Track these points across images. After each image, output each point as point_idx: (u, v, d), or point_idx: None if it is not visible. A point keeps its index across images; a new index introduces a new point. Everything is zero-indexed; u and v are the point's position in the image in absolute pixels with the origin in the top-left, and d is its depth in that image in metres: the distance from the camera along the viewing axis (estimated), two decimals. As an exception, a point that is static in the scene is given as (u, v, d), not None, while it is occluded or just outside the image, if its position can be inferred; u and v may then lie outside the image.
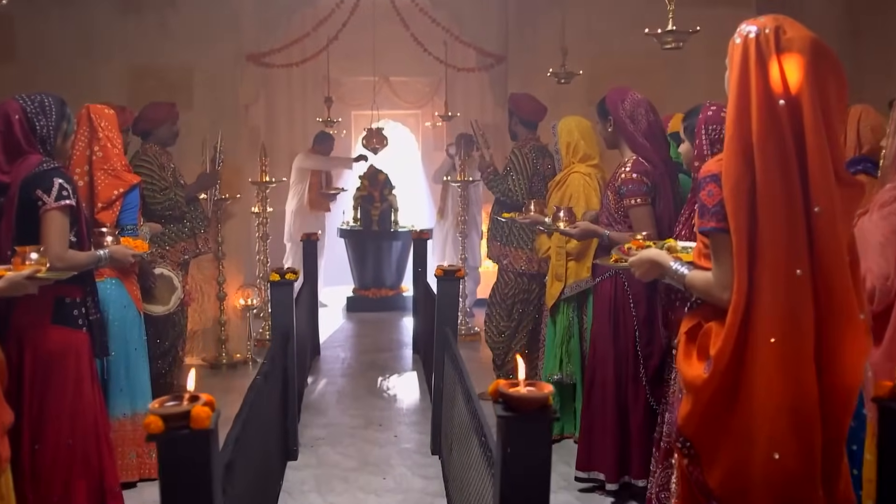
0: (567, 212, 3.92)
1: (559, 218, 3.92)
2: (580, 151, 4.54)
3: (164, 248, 5.27)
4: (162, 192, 5.19)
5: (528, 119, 5.48)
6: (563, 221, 3.90)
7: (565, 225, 3.89)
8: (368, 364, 6.50)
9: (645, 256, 2.50)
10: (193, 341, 6.53)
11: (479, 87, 11.39)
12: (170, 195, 5.23)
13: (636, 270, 2.53)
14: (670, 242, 2.73)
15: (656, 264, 2.45)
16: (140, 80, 6.34)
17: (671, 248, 2.65)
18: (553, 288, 4.52)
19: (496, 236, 5.52)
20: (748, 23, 2.17)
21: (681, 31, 3.81)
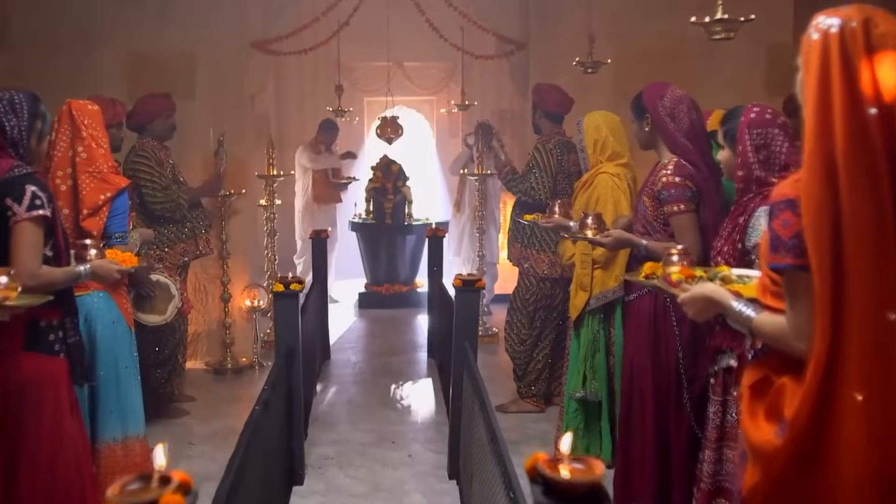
0: (595, 218, 3.55)
1: (587, 225, 3.54)
2: (608, 149, 4.16)
3: (163, 249, 4.95)
4: (163, 191, 4.87)
5: (553, 112, 5.12)
6: (591, 229, 3.53)
7: (594, 233, 3.51)
8: (381, 369, 6.17)
9: (700, 293, 2.13)
10: (196, 344, 6.23)
11: (497, 73, 11.01)
12: (171, 195, 4.91)
13: (689, 309, 2.17)
14: (724, 271, 2.36)
15: (713, 303, 2.09)
16: (139, 69, 6.00)
17: (726, 278, 2.29)
18: (577, 299, 4.16)
19: (517, 238, 5.16)
20: (828, 14, 1.80)
21: (732, 20, 3.41)
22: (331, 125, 8.47)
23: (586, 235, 3.54)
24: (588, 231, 3.53)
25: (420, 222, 8.57)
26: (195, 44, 6.04)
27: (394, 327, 7.59)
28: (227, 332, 6.09)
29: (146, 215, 4.91)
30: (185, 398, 5.41)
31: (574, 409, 4.23)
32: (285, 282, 3.93)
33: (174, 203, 4.96)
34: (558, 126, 5.17)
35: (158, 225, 4.97)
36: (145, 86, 5.47)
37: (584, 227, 3.55)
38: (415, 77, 11.53)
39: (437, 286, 6.31)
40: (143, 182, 4.83)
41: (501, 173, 5.20)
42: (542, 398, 5.19)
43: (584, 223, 3.56)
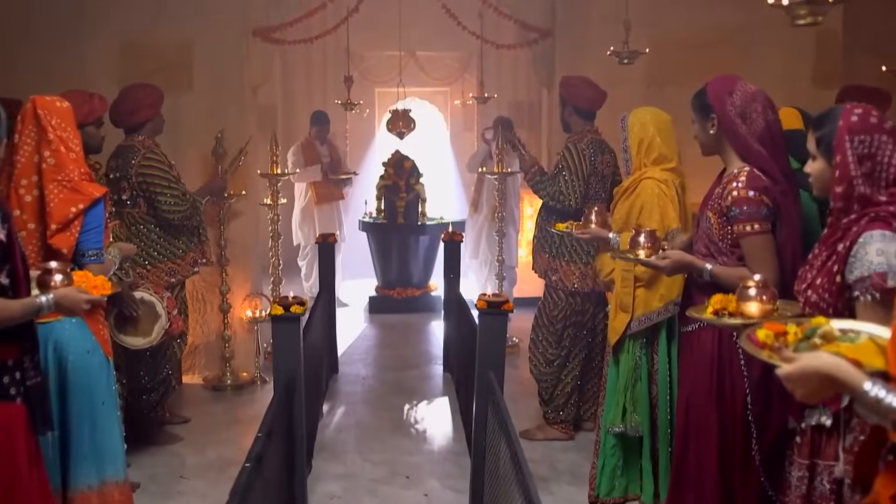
0: (649, 236, 3.03)
1: (639, 244, 3.03)
2: (654, 151, 3.65)
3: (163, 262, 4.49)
4: (183, 198, 4.41)
5: (584, 108, 4.62)
6: (644, 248, 3.01)
7: (647, 253, 3.00)
8: (393, 386, 5.68)
9: (813, 368, 1.62)
10: (193, 358, 5.78)
11: (514, 63, 10.52)
12: (190, 201, 4.45)
13: (797, 388, 1.67)
14: (823, 325, 1.85)
15: (833, 382, 1.59)
16: (132, 59, 5.54)
17: (827, 335, 1.78)
18: (617, 321, 3.67)
19: (544, 247, 4.67)
20: None
21: (820, 2, 2.89)
22: (321, 117, 7.96)
23: (638, 256, 3.02)
24: (640, 251, 3.01)
25: (434, 222, 8.07)
26: (193, 32, 5.56)
27: (406, 336, 7.11)
28: (226, 345, 5.62)
29: (164, 228, 4.46)
30: (178, 419, 4.95)
31: (612, 445, 3.73)
32: (285, 303, 3.44)
33: (193, 209, 4.53)
34: (590, 123, 4.67)
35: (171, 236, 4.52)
36: (139, 77, 5.01)
37: (636, 246, 3.04)
38: (428, 67, 11.05)
39: (453, 294, 5.83)
40: (158, 189, 4.39)
41: (528, 174, 4.69)
42: (571, 424, 4.70)
43: (636, 241, 3.04)
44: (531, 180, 4.66)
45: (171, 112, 5.38)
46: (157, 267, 4.48)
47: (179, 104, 5.52)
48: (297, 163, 7.75)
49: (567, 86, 4.69)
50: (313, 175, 7.78)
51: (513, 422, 2.94)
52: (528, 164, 4.72)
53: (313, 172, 7.77)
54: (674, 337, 3.66)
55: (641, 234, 3.04)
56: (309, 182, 7.84)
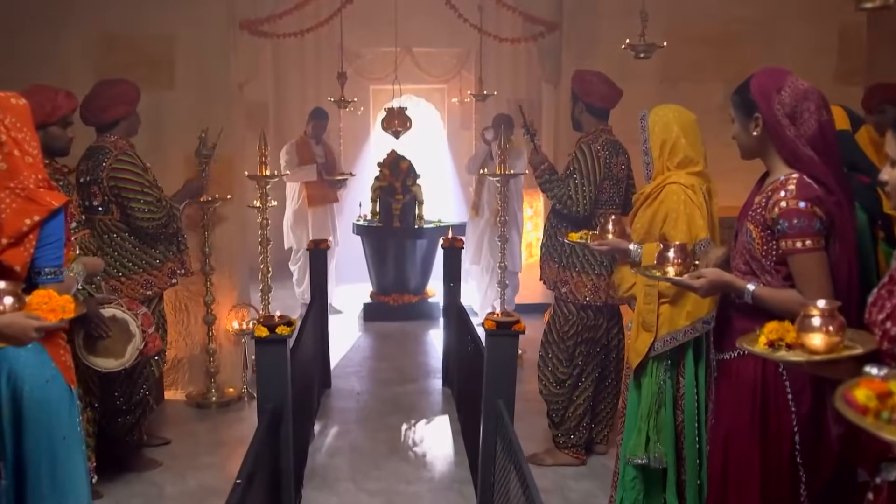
0: (679, 251, 2.67)
1: (668, 260, 2.67)
2: (679, 153, 3.30)
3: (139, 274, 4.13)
4: (157, 204, 4.04)
5: (598, 105, 4.27)
6: (674, 265, 2.65)
7: (678, 271, 2.63)
8: (390, 403, 5.32)
9: None
10: (176, 373, 5.42)
11: (514, 59, 10.17)
12: (166, 207, 4.09)
13: None
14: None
15: None
16: (110, 53, 5.17)
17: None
18: (639, 341, 3.31)
19: (553, 257, 4.31)
20: None
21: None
22: (319, 114, 7.57)
23: (667, 274, 2.66)
24: (670, 267, 2.65)
25: (432, 225, 7.72)
26: (175, 24, 5.20)
27: (403, 346, 6.75)
28: (210, 359, 5.26)
29: (140, 237, 4.10)
30: (157, 441, 4.59)
31: (632, 478, 3.38)
32: (270, 323, 3.08)
33: (169, 217, 4.15)
34: (603, 122, 4.32)
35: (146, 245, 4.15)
36: (118, 73, 4.63)
37: (664, 262, 2.67)
38: (424, 64, 10.72)
39: (453, 304, 5.47)
40: (130, 195, 4.01)
41: (537, 170, 4.33)
42: (583, 447, 4.35)
43: (664, 257, 2.68)
44: (540, 178, 4.30)
45: (152, 110, 5.08)
46: (131, 279, 4.11)
47: (161, 101, 5.18)
48: (291, 162, 7.38)
49: (580, 81, 4.33)
50: (308, 175, 7.41)
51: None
52: (538, 160, 4.35)
53: (308, 172, 7.40)
54: (701, 358, 3.33)
55: (671, 249, 2.68)
56: (302, 183, 7.46)
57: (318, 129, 7.55)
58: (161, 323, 4.31)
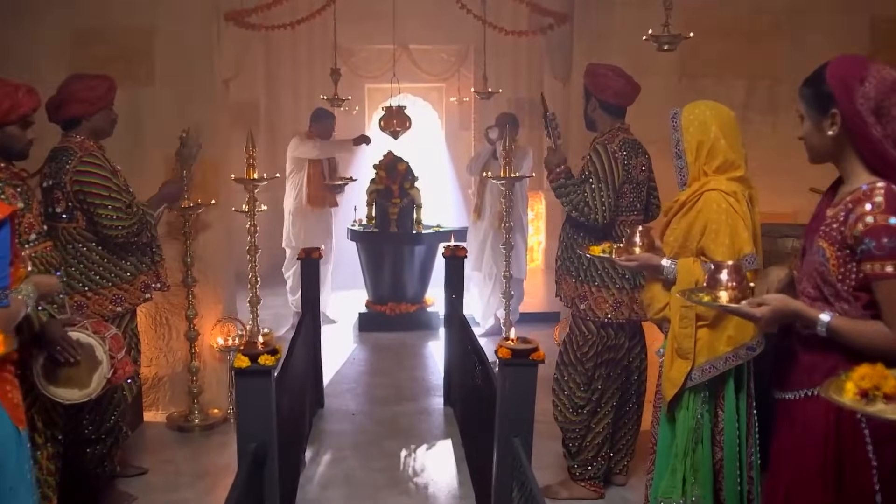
0: (734, 273, 2.26)
1: (720, 283, 2.26)
2: (718, 156, 2.90)
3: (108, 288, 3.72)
4: (127, 210, 3.62)
5: (613, 102, 3.87)
6: (727, 289, 2.24)
7: (733, 296, 2.23)
8: (387, 425, 4.92)
9: None
10: (157, 392, 5.02)
11: (514, 57, 9.80)
12: (138, 214, 3.67)
13: None
14: None
15: None
16: (85, 48, 4.78)
17: None
18: (674, 370, 2.91)
19: (570, 270, 3.91)
20: None
21: None
22: (324, 114, 7.15)
23: (719, 300, 2.24)
24: (723, 292, 2.24)
25: (430, 230, 7.31)
26: (155, 15, 4.81)
27: (401, 359, 6.34)
28: (193, 378, 4.84)
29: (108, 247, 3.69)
30: (133, 471, 4.18)
31: (664, 523, 2.99)
32: (252, 352, 2.67)
33: (142, 224, 3.73)
34: (620, 120, 3.92)
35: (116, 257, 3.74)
36: (94, 67, 4.25)
37: (716, 286, 2.27)
38: (422, 62, 10.38)
39: (456, 318, 5.06)
40: (97, 201, 3.58)
41: (551, 173, 3.92)
42: (601, 479, 3.95)
43: (716, 279, 2.27)
44: (554, 181, 3.89)
45: (130, 108, 4.70)
46: (99, 294, 3.69)
47: (140, 99, 4.80)
48: (316, 145, 6.98)
49: (593, 76, 3.93)
50: (343, 146, 7.21)
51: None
52: (555, 161, 3.93)
53: (344, 144, 7.20)
54: (742, 388, 2.94)
55: (723, 270, 2.27)
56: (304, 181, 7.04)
57: (324, 130, 7.14)
58: (134, 343, 3.89)
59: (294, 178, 7.04)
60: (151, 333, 4.98)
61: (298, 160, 7.00)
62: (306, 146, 6.98)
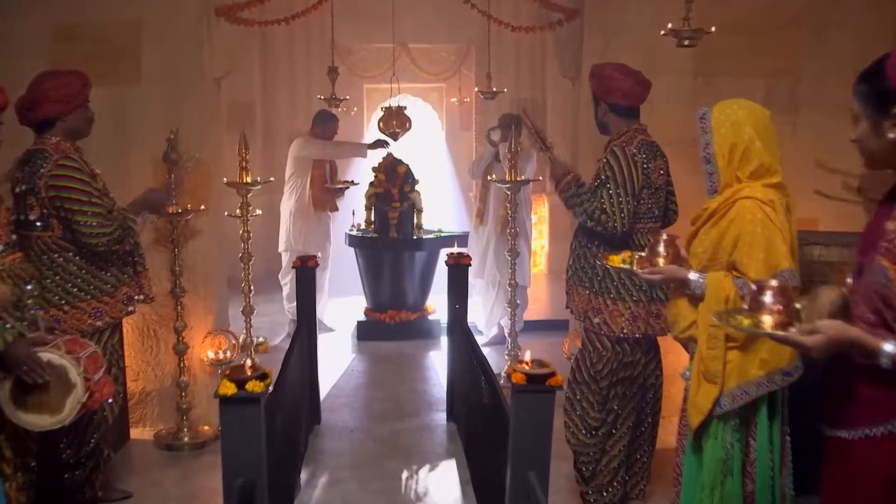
0: (779, 294, 1.99)
1: (764, 305, 2.00)
2: (752, 161, 2.65)
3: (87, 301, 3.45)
4: (107, 217, 3.36)
5: (623, 104, 3.61)
6: (772, 313, 1.98)
7: (779, 321, 1.97)
8: (387, 443, 4.65)
9: None
10: (144, 407, 4.76)
11: (516, 57, 9.56)
12: (118, 221, 3.40)
13: None
14: None
15: None
16: (67, 44, 4.53)
17: None
18: (701, 395, 2.66)
19: (582, 281, 3.65)
20: None
21: None
22: (328, 116, 6.89)
23: (762, 325, 1.97)
24: (766, 316, 1.97)
25: (431, 235, 7.05)
26: (141, 9, 4.54)
27: (401, 371, 6.08)
28: (182, 394, 4.58)
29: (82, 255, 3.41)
30: (116, 495, 3.90)
31: (690, 563, 2.74)
32: (239, 378, 2.41)
33: (123, 231, 3.45)
34: (635, 120, 3.66)
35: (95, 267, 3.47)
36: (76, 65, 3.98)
37: (759, 309, 2.00)
38: (421, 61, 10.12)
39: (459, 329, 4.82)
40: (75, 207, 3.30)
41: (559, 184, 3.67)
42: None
43: (759, 301, 2.01)
44: (564, 192, 3.64)
45: (115, 108, 4.50)
46: (77, 308, 3.42)
47: (126, 98, 4.55)
48: (322, 147, 6.75)
49: (598, 78, 3.66)
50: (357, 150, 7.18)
51: None
52: (560, 171, 3.69)
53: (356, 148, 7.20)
54: (776, 415, 2.69)
55: (767, 290, 2.00)
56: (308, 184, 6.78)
57: (327, 131, 6.88)
58: (115, 360, 3.63)
59: (296, 179, 6.77)
60: (138, 346, 4.73)
61: (303, 161, 6.73)
62: (315, 147, 6.72)
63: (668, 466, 4.07)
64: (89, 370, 2.90)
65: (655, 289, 3.53)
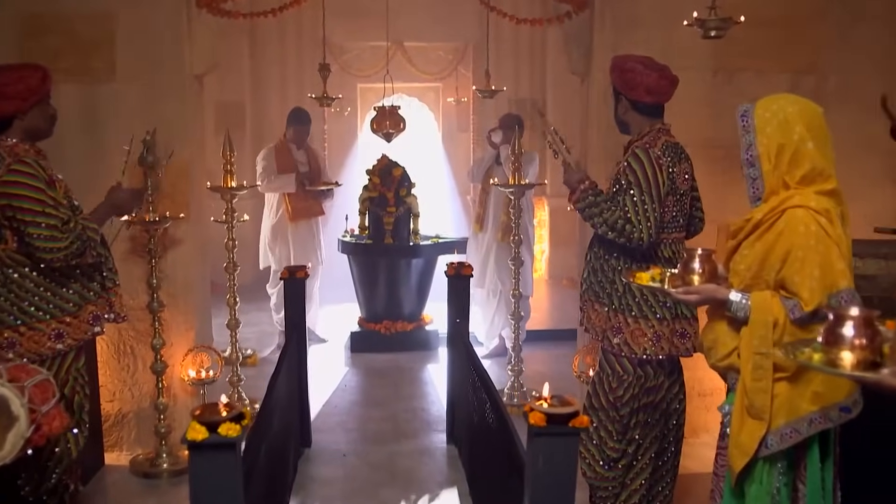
0: (862, 325, 1.65)
1: (843, 339, 1.65)
2: (804, 164, 2.31)
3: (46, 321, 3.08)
4: (63, 228, 2.97)
5: (647, 101, 3.27)
6: (853, 348, 1.63)
7: (862, 358, 1.62)
8: (383, 469, 4.29)
9: None
10: (121, 430, 4.41)
11: (514, 56, 9.24)
12: (76, 231, 3.02)
13: None
14: None
15: None
16: (36, 38, 4.20)
17: None
18: (745, 434, 2.32)
19: (599, 296, 3.31)
20: None
21: None
22: (300, 116, 6.51)
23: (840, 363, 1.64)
24: (845, 352, 1.64)
25: (429, 242, 6.70)
26: (116, 1, 4.17)
27: (397, 386, 5.73)
28: (161, 417, 4.22)
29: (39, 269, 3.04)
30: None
31: None
32: (211, 419, 2.06)
33: (83, 244, 3.05)
34: (658, 119, 3.32)
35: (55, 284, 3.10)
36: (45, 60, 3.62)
37: (836, 342, 1.66)
38: (417, 60, 9.80)
39: (461, 344, 4.47)
40: (28, 217, 2.91)
41: (574, 192, 3.32)
42: (637, 543, 3.35)
43: (837, 333, 1.67)
44: (580, 201, 3.29)
45: (87, 106, 4.17)
46: (35, 329, 3.03)
47: (99, 96, 4.21)
48: (268, 169, 6.34)
49: (619, 71, 3.32)
50: (286, 185, 6.35)
51: None
52: (576, 178, 3.34)
53: (286, 182, 6.35)
54: (829, 455, 2.35)
55: (847, 321, 1.66)
56: (283, 194, 6.41)
57: (299, 134, 6.50)
58: (80, 386, 3.24)
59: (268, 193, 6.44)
60: (114, 364, 4.37)
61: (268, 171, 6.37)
62: (260, 165, 6.35)
63: (688, 494, 3.76)
64: (36, 400, 2.53)
65: (680, 306, 3.19)
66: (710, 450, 4.49)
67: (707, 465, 4.35)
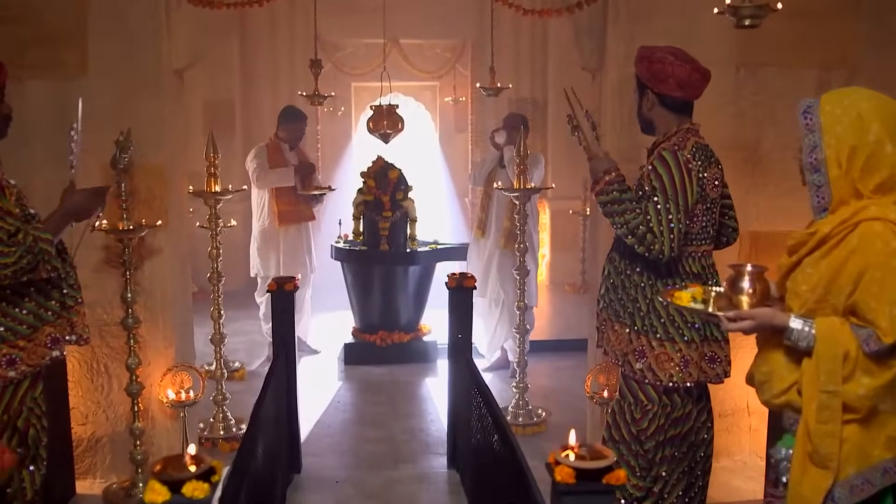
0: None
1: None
2: (881, 169, 1.97)
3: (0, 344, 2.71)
4: (11, 239, 2.59)
5: (678, 97, 2.93)
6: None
7: None
8: (379, 499, 3.93)
9: None
10: (94, 456, 4.05)
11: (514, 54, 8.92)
12: (26, 244, 2.63)
13: None
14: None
15: None
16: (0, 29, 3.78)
17: None
18: (807, 485, 1.98)
19: (619, 315, 2.96)
20: None
21: None
22: (293, 114, 6.15)
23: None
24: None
25: (426, 248, 6.35)
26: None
27: (395, 402, 5.38)
28: (137, 442, 3.86)
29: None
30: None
31: None
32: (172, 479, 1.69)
33: (34, 257, 2.67)
34: (687, 117, 2.98)
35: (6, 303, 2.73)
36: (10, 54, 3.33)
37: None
38: (414, 57, 9.46)
39: (463, 362, 4.12)
40: None
41: (599, 182, 2.95)
42: (664, 591, 3.00)
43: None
44: (603, 194, 2.91)
45: (56, 103, 3.78)
46: None
47: (69, 92, 3.79)
48: (262, 167, 5.98)
49: (648, 62, 2.98)
50: (284, 178, 5.99)
51: None
52: (603, 167, 2.95)
53: (284, 175, 5.99)
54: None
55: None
56: (271, 198, 6.04)
57: (293, 133, 6.15)
58: (36, 418, 2.86)
59: (260, 195, 6.07)
60: (86, 384, 4.01)
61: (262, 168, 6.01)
62: (253, 164, 5.99)
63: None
64: None
65: (710, 326, 2.85)
66: (731, 475, 4.20)
67: (729, 493, 4.04)
